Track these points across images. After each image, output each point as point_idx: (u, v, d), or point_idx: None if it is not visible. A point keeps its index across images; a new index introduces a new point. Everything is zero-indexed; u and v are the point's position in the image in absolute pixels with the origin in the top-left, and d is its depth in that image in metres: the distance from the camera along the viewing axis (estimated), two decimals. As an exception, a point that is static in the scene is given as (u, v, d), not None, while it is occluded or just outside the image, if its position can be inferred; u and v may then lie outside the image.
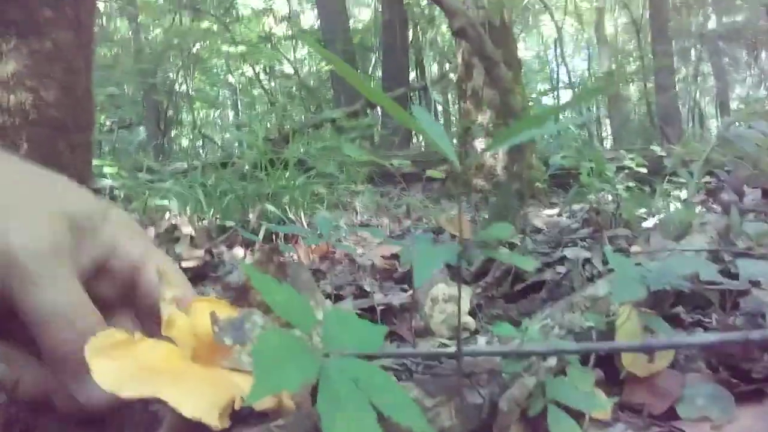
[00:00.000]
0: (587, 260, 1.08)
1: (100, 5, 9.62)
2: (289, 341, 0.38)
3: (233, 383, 0.46)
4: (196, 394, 0.43)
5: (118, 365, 0.43)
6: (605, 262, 1.05)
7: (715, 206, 1.84)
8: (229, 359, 0.51)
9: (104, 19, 9.82)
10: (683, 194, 2.08)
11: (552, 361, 0.62)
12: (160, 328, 0.51)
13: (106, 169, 2.33)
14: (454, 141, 4.31)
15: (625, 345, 0.57)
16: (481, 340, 0.87)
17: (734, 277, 0.96)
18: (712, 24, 14.97)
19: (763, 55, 15.18)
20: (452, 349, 0.60)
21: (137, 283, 0.56)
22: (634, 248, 1.24)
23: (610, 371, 0.74)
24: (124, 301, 0.57)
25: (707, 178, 2.50)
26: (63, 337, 0.45)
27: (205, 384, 0.45)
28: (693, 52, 15.60)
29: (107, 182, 2.18)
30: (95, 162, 2.36)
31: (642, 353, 0.60)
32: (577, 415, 0.59)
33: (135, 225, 0.59)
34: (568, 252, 1.10)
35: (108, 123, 6.25)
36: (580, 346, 0.53)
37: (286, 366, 0.35)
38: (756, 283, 0.99)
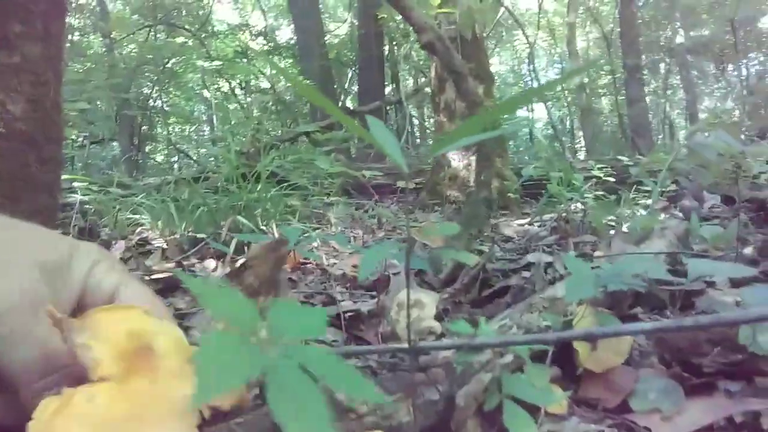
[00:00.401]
0: (550, 264, 1.11)
1: (74, 21, 9.55)
2: (231, 338, 0.38)
3: (186, 397, 0.46)
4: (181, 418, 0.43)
5: None
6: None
7: (677, 212, 1.89)
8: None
9: (76, 34, 9.74)
10: (649, 202, 2.14)
11: (508, 358, 0.64)
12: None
13: (76, 184, 2.32)
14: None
15: (567, 334, 0.59)
16: (446, 343, 0.89)
17: (690, 278, 1.00)
18: (680, 39, 15.36)
19: (730, 68, 15.60)
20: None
21: None
22: (597, 253, 1.27)
23: (568, 369, 0.76)
24: None
25: (673, 187, 2.58)
26: (35, 390, 0.46)
27: (167, 416, 0.44)
28: (662, 65, 15.99)
29: (77, 197, 2.16)
30: (65, 176, 2.34)
31: (588, 343, 0.62)
32: (533, 410, 0.61)
33: (107, 255, 0.59)
34: (531, 256, 1.12)
35: (80, 139, 6.17)
36: (528, 338, 0.55)
37: (229, 363, 0.36)
38: (711, 284, 1.03)
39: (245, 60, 11.04)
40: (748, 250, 1.33)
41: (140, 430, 0.43)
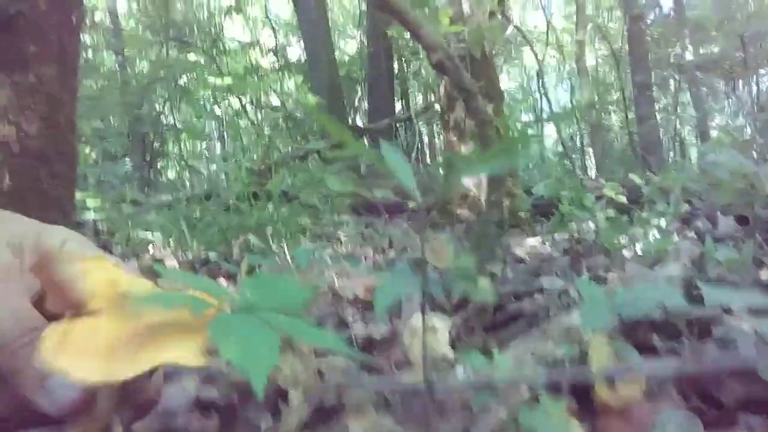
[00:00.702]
0: (564, 290, 1.10)
1: (87, 38, 9.70)
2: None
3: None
4: (187, 341, 0.43)
5: (87, 355, 0.41)
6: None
7: (690, 234, 1.87)
8: None
9: (90, 52, 9.88)
10: (662, 222, 2.12)
11: (524, 391, 0.62)
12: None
13: (89, 202, 2.33)
14: (441, 172, 4.34)
15: (584, 374, 0.58)
16: (460, 370, 0.88)
17: (707, 304, 0.98)
18: (689, 55, 15.34)
19: (740, 84, 15.55)
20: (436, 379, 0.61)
21: None
22: (611, 276, 1.26)
23: (585, 402, 0.75)
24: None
25: (687, 207, 2.55)
26: (13, 351, 0.47)
27: (180, 333, 0.43)
28: (672, 82, 15.97)
29: (90, 215, 2.18)
30: (78, 195, 2.35)
31: (608, 381, 0.61)
32: (550, 444, 0.60)
33: (77, 235, 0.60)
34: (545, 281, 1.11)
35: (93, 155, 6.24)
36: (544, 375, 0.54)
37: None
38: (728, 310, 1.01)
39: (256, 77, 11.15)
40: (765, 274, 1.31)
41: (158, 348, 0.42)
